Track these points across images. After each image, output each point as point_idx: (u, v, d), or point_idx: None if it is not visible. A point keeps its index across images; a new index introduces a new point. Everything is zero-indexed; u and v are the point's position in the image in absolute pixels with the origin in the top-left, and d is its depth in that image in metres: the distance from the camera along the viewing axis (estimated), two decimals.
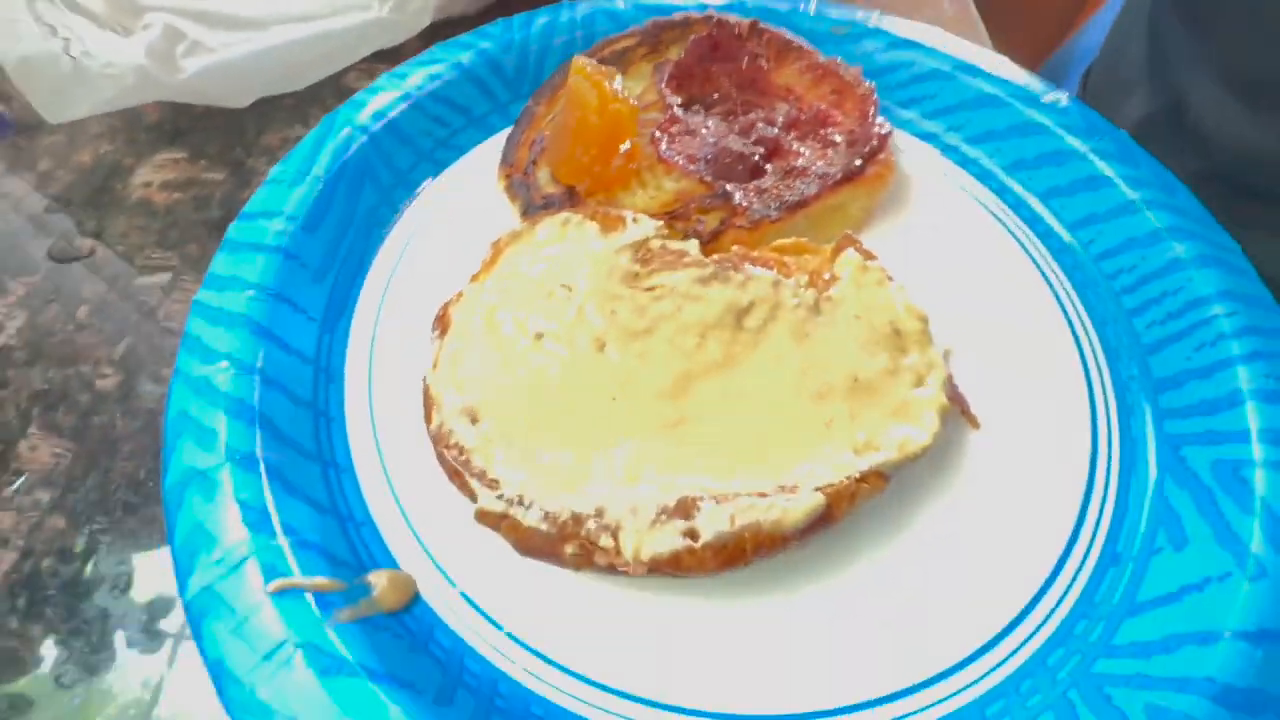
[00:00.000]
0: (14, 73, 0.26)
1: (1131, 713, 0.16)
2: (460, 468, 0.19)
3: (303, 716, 0.15)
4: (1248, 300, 0.22)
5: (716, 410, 0.20)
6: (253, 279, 0.22)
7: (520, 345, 0.21)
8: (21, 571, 0.20)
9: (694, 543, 0.17)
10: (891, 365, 0.21)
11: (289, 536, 0.18)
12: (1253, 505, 0.19)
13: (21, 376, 0.24)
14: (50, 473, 0.22)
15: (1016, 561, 0.20)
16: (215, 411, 0.19)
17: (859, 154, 0.26)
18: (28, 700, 0.18)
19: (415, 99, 0.28)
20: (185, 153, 0.31)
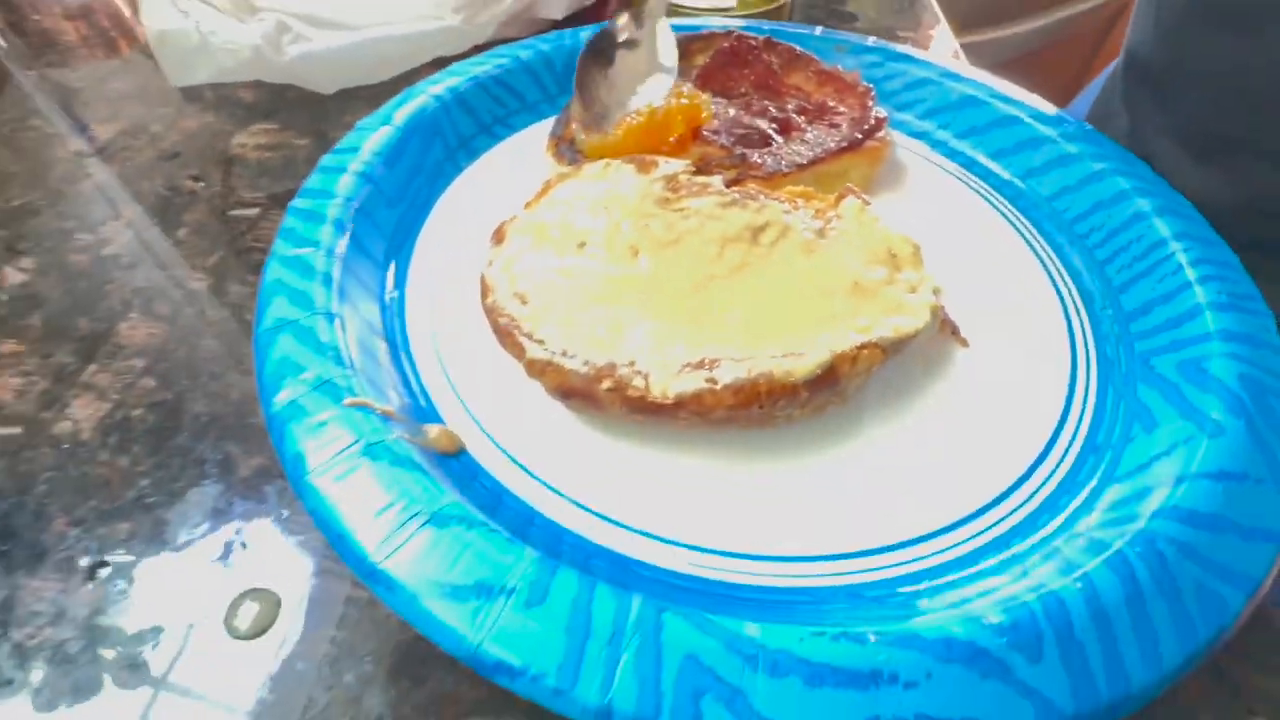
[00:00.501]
0: (153, 41, 0.32)
1: (1110, 540, 0.18)
2: (512, 329, 0.22)
3: (364, 498, 0.17)
4: (1200, 239, 0.26)
5: (734, 302, 0.23)
6: (339, 192, 0.26)
7: (566, 249, 0.24)
8: (114, 418, 0.23)
9: (714, 385, 0.20)
10: (888, 278, 0.24)
11: (362, 375, 0.20)
12: (1210, 386, 0.21)
13: (124, 276, 0.27)
14: (145, 347, 0.25)
15: (1005, 450, 0.22)
16: (304, 280, 0.23)
17: (859, 129, 0.31)
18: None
19: (481, 80, 0.33)
20: (276, 125, 0.35)
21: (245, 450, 0.22)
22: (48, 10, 0.45)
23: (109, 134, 0.34)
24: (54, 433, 0.22)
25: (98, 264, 0.28)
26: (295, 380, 0.20)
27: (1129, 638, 0.15)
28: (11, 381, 0.23)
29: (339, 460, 0.18)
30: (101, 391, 0.23)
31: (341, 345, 0.21)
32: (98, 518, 0.20)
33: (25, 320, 0.26)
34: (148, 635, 0.18)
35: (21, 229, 0.29)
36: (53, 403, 0.23)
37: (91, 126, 0.35)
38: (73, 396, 0.23)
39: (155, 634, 0.18)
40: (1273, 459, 0.19)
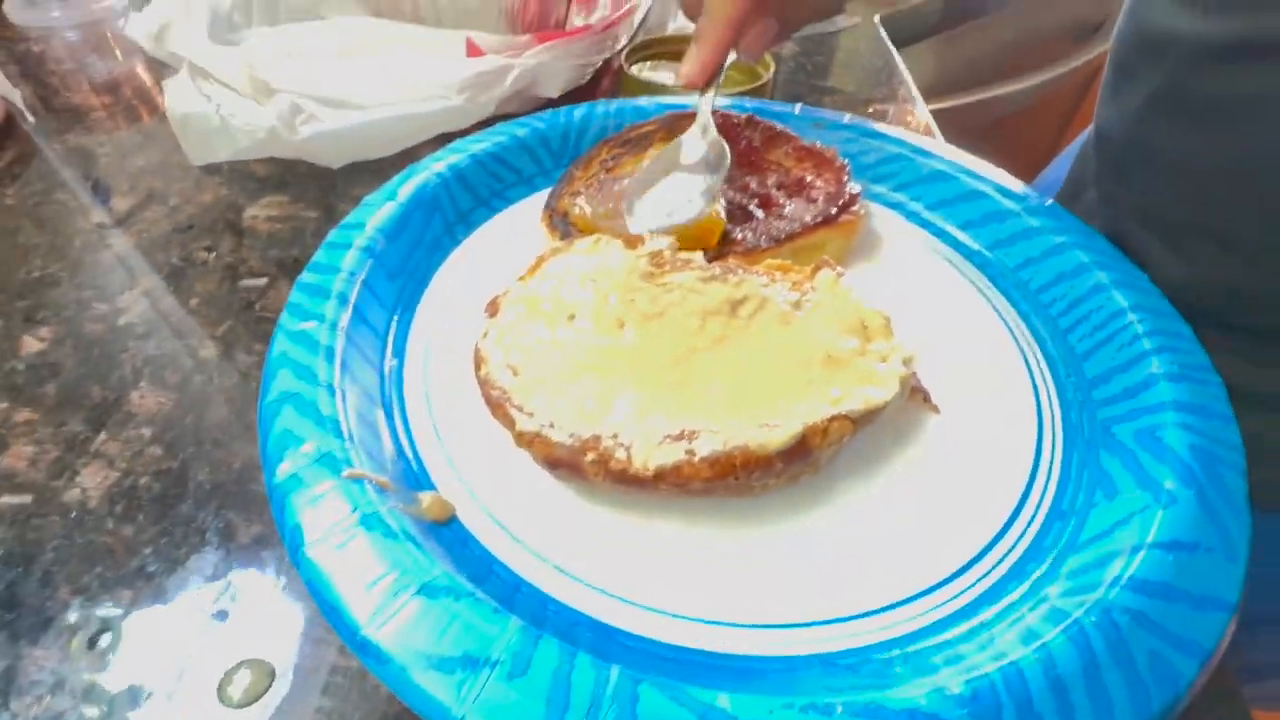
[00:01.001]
0: (176, 124, 0.34)
1: (1070, 610, 0.19)
2: (503, 401, 0.23)
3: (358, 570, 0.18)
4: (1154, 310, 0.27)
5: (714, 374, 0.24)
6: (344, 267, 0.28)
7: (556, 322, 0.26)
8: (121, 486, 0.24)
9: (692, 457, 0.21)
10: (861, 348, 0.25)
11: (360, 448, 0.22)
12: (1165, 456, 0.22)
13: (138, 345, 0.29)
14: (154, 415, 0.26)
15: (974, 517, 0.23)
16: (308, 354, 0.24)
17: (834, 204, 0.33)
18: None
19: (480, 157, 0.35)
20: (286, 197, 0.37)
21: (246, 518, 0.23)
22: (76, 86, 0.48)
23: (128, 206, 0.36)
24: (63, 501, 0.23)
25: (113, 333, 0.29)
26: (296, 453, 0.21)
27: (1085, 707, 0.16)
28: (25, 450, 0.25)
29: (335, 532, 0.19)
30: (110, 460, 0.24)
31: (341, 418, 0.22)
32: (101, 586, 0.21)
33: (41, 389, 0.27)
34: (142, 703, 0.19)
35: (42, 299, 0.31)
36: (63, 471, 0.24)
37: (113, 199, 0.37)
38: (82, 465, 0.24)
39: (149, 702, 0.19)
40: (1223, 529, 0.20)
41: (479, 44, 0.40)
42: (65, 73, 0.50)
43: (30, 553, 0.22)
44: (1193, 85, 0.30)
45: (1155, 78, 0.32)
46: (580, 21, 0.44)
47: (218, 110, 0.34)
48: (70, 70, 0.50)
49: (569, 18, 0.45)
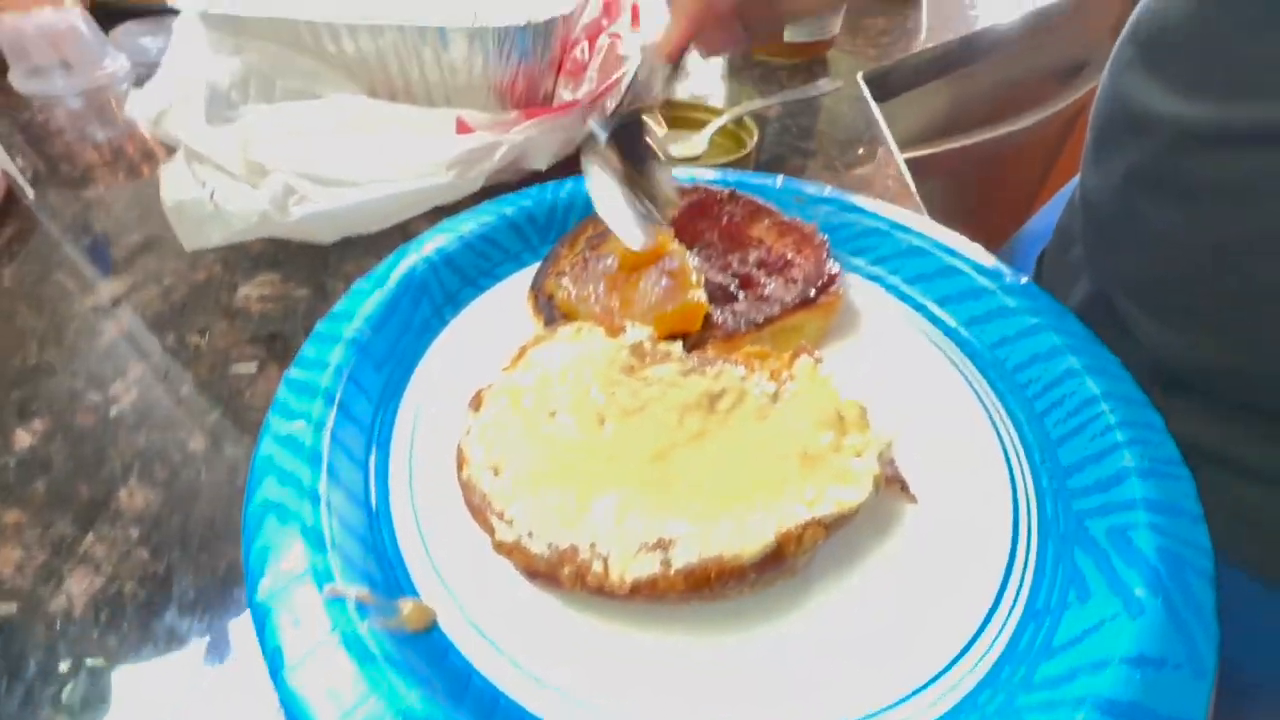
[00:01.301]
0: (170, 212, 0.35)
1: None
2: (484, 507, 0.24)
3: (339, 693, 0.18)
4: (1126, 399, 0.28)
5: (691, 472, 0.25)
6: (330, 362, 0.28)
7: (538, 419, 0.26)
8: (107, 593, 0.24)
9: (668, 569, 0.21)
10: (836, 443, 0.26)
11: (339, 558, 0.22)
12: (1134, 559, 0.22)
13: (127, 438, 0.29)
14: (141, 514, 0.26)
15: (949, 617, 0.23)
16: (292, 458, 0.24)
17: (813, 286, 0.33)
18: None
19: (468, 239, 0.36)
20: (279, 275, 0.38)
21: (230, 629, 0.23)
22: (77, 158, 0.49)
23: (124, 286, 0.37)
24: (49, 610, 0.23)
25: (103, 426, 0.30)
26: (277, 569, 0.21)
27: None
28: (12, 555, 0.25)
29: (315, 655, 0.19)
30: (97, 564, 0.25)
31: (324, 527, 0.22)
32: (82, 705, 0.21)
33: (30, 486, 0.27)
34: None
35: (36, 389, 0.31)
36: (50, 577, 0.24)
37: (109, 278, 0.38)
38: (69, 571, 0.24)
39: None
40: (1190, 642, 0.20)
41: (469, 121, 0.41)
42: (66, 143, 0.51)
43: (14, 667, 0.22)
44: (1174, 165, 0.30)
45: (1136, 154, 0.33)
46: (568, 94, 0.46)
47: (211, 196, 0.35)
48: (71, 140, 0.51)
49: (556, 91, 0.46)
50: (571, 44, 0.47)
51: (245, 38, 0.43)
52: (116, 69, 0.61)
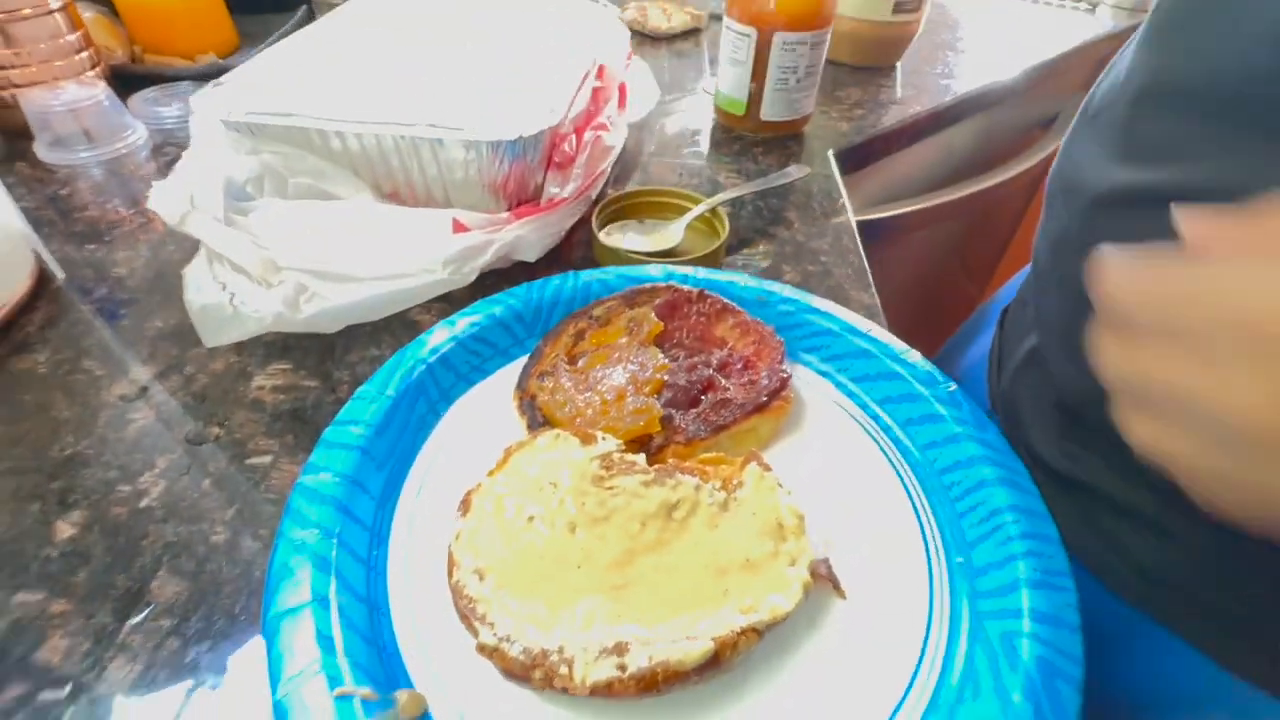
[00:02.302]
0: (193, 315, 0.39)
1: None
2: (469, 613, 0.28)
3: None
4: (1028, 512, 0.32)
5: (649, 578, 0.29)
6: (337, 469, 0.32)
7: (517, 525, 0.31)
8: (143, 679, 0.28)
9: (623, 674, 0.25)
10: (774, 550, 0.30)
11: (348, 659, 0.26)
12: (1017, 665, 0.27)
13: (157, 530, 0.33)
14: (171, 605, 0.30)
15: (866, 708, 0.27)
16: (305, 565, 0.28)
17: (767, 391, 0.38)
18: None
19: (459, 338, 0.40)
20: (290, 364, 0.42)
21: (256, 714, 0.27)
22: (101, 235, 0.53)
23: (148, 376, 0.41)
24: (96, 694, 0.27)
25: (134, 517, 0.34)
26: (292, 673, 0.25)
27: None
28: (61, 643, 0.29)
29: None
30: (134, 652, 0.28)
31: (334, 632, 0.27)
32: None
33: (73, 578, 0.31)
34: None
35: (73, 480, 0.35)
36: (94, 665, 0.28)
37: (134, 368, 0.42)
38: (110, 659, 0.28)
39: None
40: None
41: (464, 221, 0.46)
42: (92, 219, 0.55)
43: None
44: (1089, 227, 0.33)
45: (1065, 218, 0.35)
46: (555, 190, 0.50)
47: (231, 300, 0.39)
48: (96, 217, 0.55)
49: (545, 187, 0.50)
50: (561, 139, 0.52)
51: (260, 140, 0.47)
52: (135, 139, 0.65)
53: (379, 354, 0.44)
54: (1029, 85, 0.91)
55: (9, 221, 0.45)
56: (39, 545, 0.32)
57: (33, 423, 0.38)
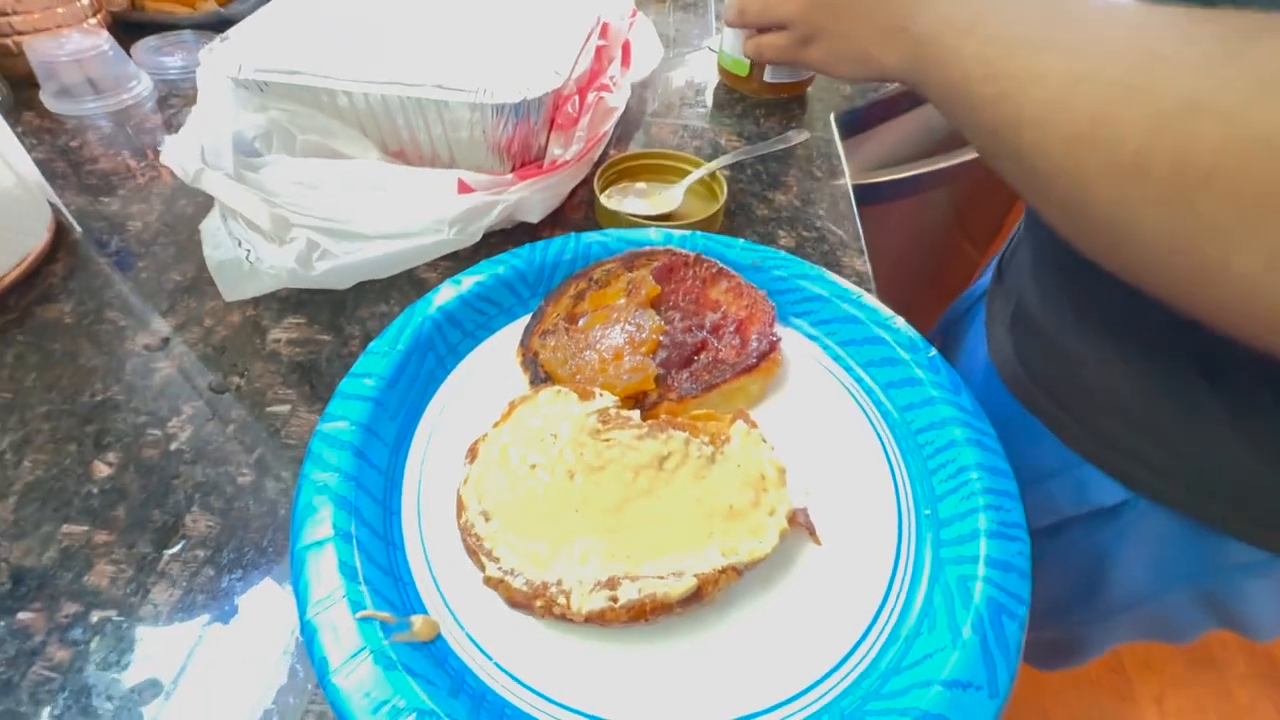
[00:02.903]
0: (212, 269, 0.41)
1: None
2: (477, 549, 0.30)
3: (369, 693, 0.26)
4: (993, 470, 0.34)
5: (640, 522, 0.32)
6: (353, 417, 0.35)
7: (521, 472, 0.33)
8: (182, 604, 0.31)
9: (615, 604, 0.28)
10: (755, 500, 0.33)
11: (368, 586, 0.29)
12: (969, 604, 0.30)
13: (188, 471, 0.36)
14: (205, 538, 0.33)
15: (832, 638, 0.31)
16: (327, 504, 0.31)
17: (757, 353, 0.40)
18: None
19: (465, 296, 0.42)
20: (304, 319, 0.44)
21: (284, 634, 0.30)
22: (114, 188, 0.54)
23: (170, 328, 0.43)
24: (140, 615, 0.31)
25: (165, 459, 0.36)
26: (319, 598, 0.28)
27: None
28: (107, 569, 0.32)
29: (351, 664, 0.26)
30: (173, 579, 0.32)
31: (355, 563, 0.29)
32: (175, 693, 0.28)
33: (113, 512, 0.34)
34: None
35: (106, 423, 0.38)
36: (138, 589, 0.31)
37: (155, 320, 0.44)
38: (152, 583, 0.31)
39: None
40: (993, 672, 0.27)
41: (469, 182, 0.47)
42: (103, 172, 0.56)
43: (120, 660, 0.29)
44: None
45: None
46: (559, 151, 0.51)
47: (247, 256, 0.41)
48: (107, 169, 0.56)
49: (548, 148, 0.51)
50: (564, 100, 0.52)
51: (268, 97, 0.48)
52: (141, 89, 0.65)
53: (388, 310, 0.46)
54: None
55: (27, 173, 0.46)
56: (79, 483, 0.35)
57: (63, 369, 0.40)
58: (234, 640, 0.30)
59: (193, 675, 0.29)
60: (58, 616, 0.30)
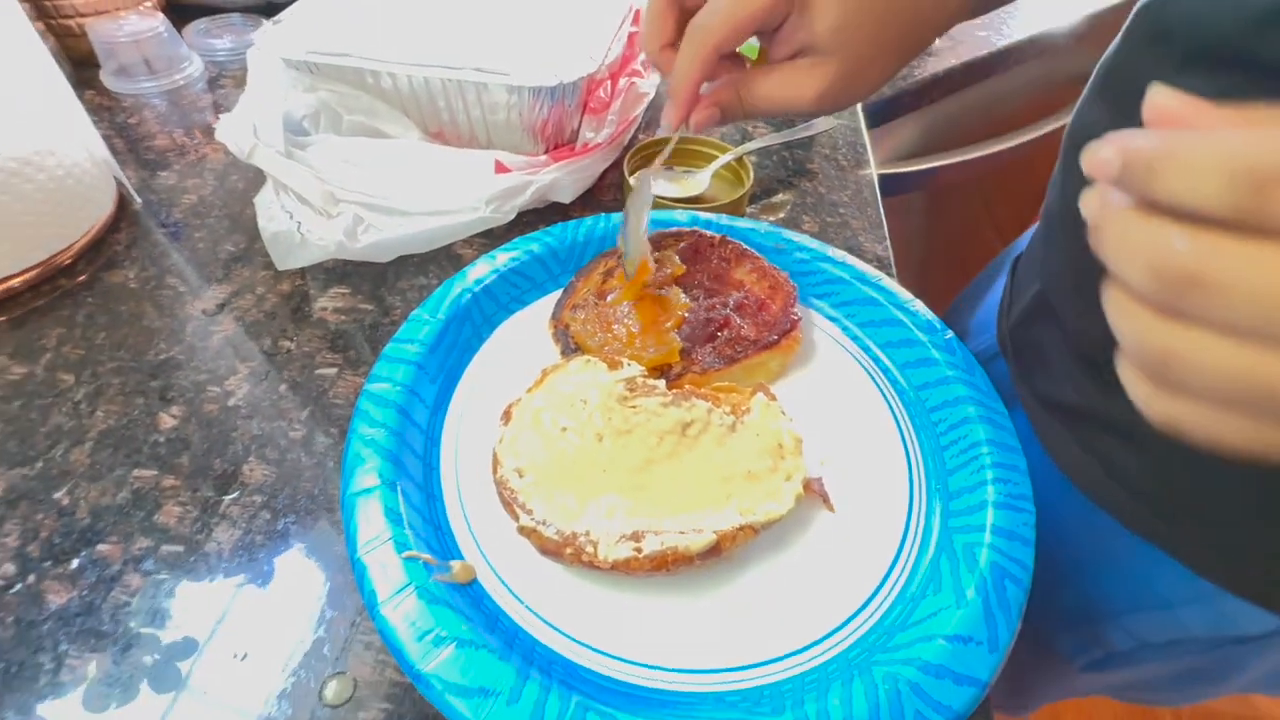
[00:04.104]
0: (266, 240, 0.44)
1: (880, 679, 0.28)
2: (511, 501, 0.33)
3: (414, 622, 0.28)
4: (1002, 445, 0.36)
5: (662, 482, 0.34)
6: (397, 379, 0.37)
7: (553, 433, 0.35)
8: (244, 542, 0.34)
9: (639, 554, 0.30)
10: (773, 466, 0.34)
11: (411, 530, 0.31)
12: (974, 569, 0.31)
13: (244, 425, 0.39)
14: (261, 485, 0.36)
15: (843, 596, 0.32)
16: (374, 456, 0.34)
17: (778, 331, 0.41)
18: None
19: (501, 271, 0.44)
20: (348, 289, 0.47)
21: (334, 572, 0.33)
22: (170, 163, 0.57)
23: (224, 294, 0.46)
24: (205, 551, 0.33)
25: (224, 413, 0.39)
26: (368, 539, 0.30)
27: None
28: (174, 510, 0.35)
29: (397, 597, 0.29)
30: (234, 521, 0.34)
31: (400, 509, 0.32)
32: (239, 618, 0.31)
33: (178, 459, 0.37)
34: (270, 699, 0.29)
35: (170, 380, 0.41)
36: (202, 528, 0.34)
37: (211, 287, 0.47)
38: (215, 523, 0.34)
39: (274, 698, 0.29)
40: (993, 629, 0.29)
41: (505, 163, 0.49)
42: (159, 149, 0.59)
43: (188, 590, 0.32)
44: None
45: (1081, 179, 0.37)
46: (590, 134, 0.53)
47: (299, 228, 0.43)
48: (163, 145, 0.60)
49: (581, 131, 0.53)
50: (596, 84, 0.54)
51: (318, 78, 0.50)
52: (192, 70, 0.68)
53: (426, 283, 0.48)
54: (1072, 39, 0.89)
55: (95, 148, 0.50)
56: (147, 432, 0.38)
57: (129, 330, 0.44)
58: (289, 576, 0.33)
59: (250, 607, 0.32)
60: (132, 549, 0.33)
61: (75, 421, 0.38)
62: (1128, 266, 0.16)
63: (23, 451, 0.37)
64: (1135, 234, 0.15)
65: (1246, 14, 0.25)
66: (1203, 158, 0.14)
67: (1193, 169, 0.14)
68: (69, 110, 0.48)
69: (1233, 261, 0.14)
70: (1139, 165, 0.15)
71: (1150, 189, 0.15)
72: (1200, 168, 0.14)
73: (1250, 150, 0.13)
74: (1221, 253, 0.14)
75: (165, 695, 0.29)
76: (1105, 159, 0.16)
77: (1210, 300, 0.14)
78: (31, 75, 0.45)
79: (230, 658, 0.30)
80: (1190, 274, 0.14)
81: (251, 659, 0.30)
